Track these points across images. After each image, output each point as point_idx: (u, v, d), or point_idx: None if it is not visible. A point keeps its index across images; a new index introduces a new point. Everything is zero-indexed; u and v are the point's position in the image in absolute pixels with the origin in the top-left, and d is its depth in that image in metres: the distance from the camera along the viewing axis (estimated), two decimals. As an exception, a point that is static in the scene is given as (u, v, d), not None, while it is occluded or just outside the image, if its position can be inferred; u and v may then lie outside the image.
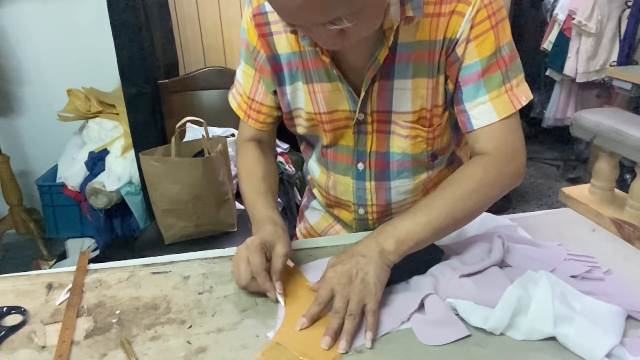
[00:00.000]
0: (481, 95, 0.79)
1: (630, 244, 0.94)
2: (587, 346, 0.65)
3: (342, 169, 0.96)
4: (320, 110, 0.89)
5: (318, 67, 0.85)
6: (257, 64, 0.91)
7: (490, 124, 0.80)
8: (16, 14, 2.54)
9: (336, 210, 1.05)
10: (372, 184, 0.95)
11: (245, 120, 0.98)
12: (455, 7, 0.76)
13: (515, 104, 0.80)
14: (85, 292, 0.82)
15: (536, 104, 3.68)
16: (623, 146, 0.96)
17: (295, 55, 0.86)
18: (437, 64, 0.80)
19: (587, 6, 2.98)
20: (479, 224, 0.93)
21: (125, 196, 2.33)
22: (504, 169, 0.80)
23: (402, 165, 0.92)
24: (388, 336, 0.71)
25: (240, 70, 0.96)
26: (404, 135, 0.88)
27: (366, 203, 0.97)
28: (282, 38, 0.86)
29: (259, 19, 0.87)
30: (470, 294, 0.73)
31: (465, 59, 0.79)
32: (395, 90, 0.83)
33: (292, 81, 0.89)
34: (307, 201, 1.16)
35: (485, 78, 0.79)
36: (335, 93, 0.86)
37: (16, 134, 2.73)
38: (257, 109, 0.96)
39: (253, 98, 0.96)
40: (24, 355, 0.70)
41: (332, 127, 0.91)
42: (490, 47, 0.78)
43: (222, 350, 0.69)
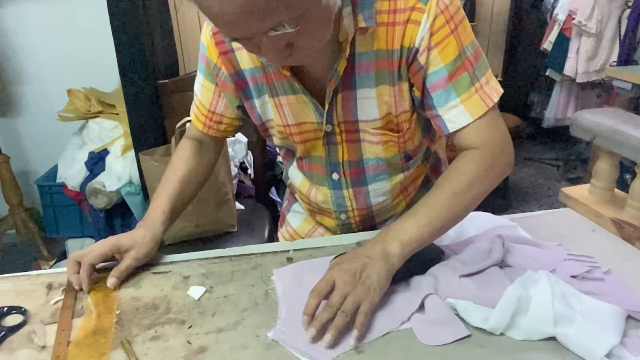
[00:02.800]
0: (452, 99, 0.80)
1: (630, 244, 0.94)
2: (587, 346, 0.65)
3: (318, 179, 0.97)
4: (289, 122, 0.89)
5: (282, 80, 0.84)
6: (218, 80, 0.91)
7: (467, 125, 0.81)
8: (16, 14, 2.54)
9: (319, 217, 1.06)
10: (350, 191, 0.95)
11: (205, 131, 0.99)
12: (410, 16, 0.76)
13: (487, 102, 0.81)
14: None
15: (536, 104, 3.69)
16: (623, 146, 0.96)
17: (258, 69, 0.86)
18: (398, 72, 0.81)
19: (587, 6, 2.98)
20: (479, 224, 0.93)
21: (125, 196, 2.33)
22: (495, 161, 0.82)
23: (378, 170, 0.93)
24: (388, 336, 0.71)
25: (199, 85, 0.96)
26: (375, 141, 0.88)
27: (347, 209, 0.98)
28: (244, 54, 0.86)
29: (219, 37, 0.86)
30: (470, 294, 0.73)
31: (429, 67, 0.79)
32: (359, 100, 0.83)
33: (259, 95, 0.90)
34: (289, 205, 1.16)
35: (453, 82, 0.79)
36: (301, 105, 0.86)
37: (16, 134, 2.74)
38: (218, 120, 0.97)
39: (214, 111, 0.96)
40: (24, 355, 0.69)
41: (302, 139, 0.91)
42: (453, 51, 0.78)
43: (222, 350, 0.69)
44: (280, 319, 0.75)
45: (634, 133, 0.94)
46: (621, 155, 1.00)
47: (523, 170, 3.69)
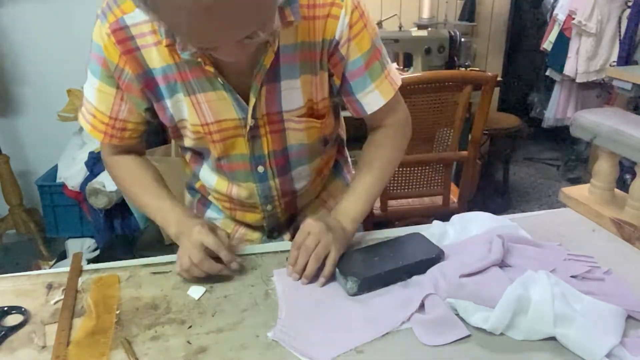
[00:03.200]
0: (368, 84, 0.90)
1: (630, 244, 0.94)
2: (587, 346, 0.66)
3: (242, 177, 0.96)
4: (207, 121, 0.87)
5: (199, 76, 0.82)
6: (121, 82, 0.84)
7: (381, 107, 0.92)
8: (16, 14, 2.54)
9: (239, 214, 1.04)
10: (277, 181, 0.97)
11: (107, 140, 0.91)
12: (330, 11, 0.82)
13: (394, 86, 0.93)
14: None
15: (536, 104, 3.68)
16: (623, 146, 0.96)
17: (171, 67, 0.82)
18: (319, 63, 0.86)
19: (587, 6, 2.98)
20: (479, 224, 0.93)
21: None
22: (402, 132, 0.99)
23: (300, 155, 0.97)
24: (388, 336, 0.71)
25: (93, 89, 0.87)
26: (299, 128, 0.92)
27: (273, 199, 1.00)
28: (153, 51, 0.81)
29: (121, 35, 0.80)
30: (470, 294, 0.73)
31: (349, 57, 0.87)
32: (283, 91, 0.86)
33: (171, 94, 0.85)
34: (199, 213, 1.11)
35: (369, 70, 0.89)
36: (221, 102, 0.85)
37: (16, 134, 2.74)
38: (122, 127, 0.90)
39: (116, 117, 0.88)
40: (24, 355, 0.70)
41: (221, 137, 0.89)
42: (367, 42, 0.87)
43: (222, 350, 0.69)
44: (280, 319, 0.75)
45: (634, 133, 0.94)
46: (621, 155, 1.00)
47: (523, 170, 3.69)
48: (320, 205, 1.10)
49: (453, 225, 0.96)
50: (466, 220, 0.95)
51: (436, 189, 2.04)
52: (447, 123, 1.90)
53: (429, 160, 1.97)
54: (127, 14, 0.79)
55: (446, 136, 1.95)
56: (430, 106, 1.84)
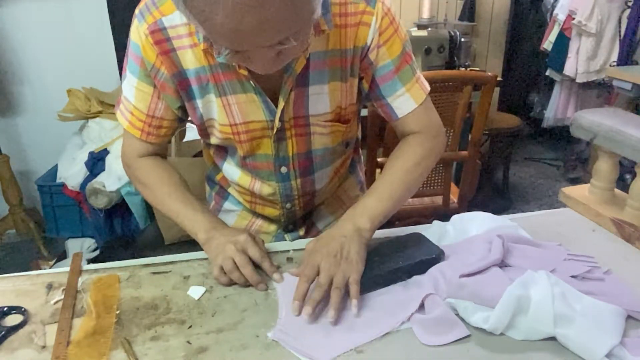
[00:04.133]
0: (399, 88, 0.90)
1: (630, 244, 0.94)
2: (587, 346, 0.66)
3: (265, 175, 0.98)
4: (236, 122, 0.89)
5: (231, 79, 0.85)
6: (157, 81, 0.87)
7: (412, 111, 0.92)
8: (16, 14, 2.54)
9: (259, 208, 1.06)
10: (298, 182, 0.99)
11: (144, 138, 0.93)
12: (361, 19, 0.84)
13: (425, 90, 0.93)
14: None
15: (536, 104, 3.69)
16: (623, 146, 0.96)
17: (205, 69, 0.85)
18: (350, 69, 0.88)
19: (587, 6, 2.98)
20: (479, 224, 0.93)
21: (125, 196, 2.33)
22: (435, 141, 0.95)
23: (324, 158, 0.98)
24: (388, 336, 0.71)
25: (131, 87, 0.89)
26: (325, 132, 0.93)
27: (293, 198, 1.02)
28: (188, 53, 0.84)
29: (158, 36, 0.83)
30: (470, 294, 0.73)
31: (379, 62, 0.88)
32: (311, 96, 0.88)
33: (203, 94, 0.88)
34: (217, 205, 1.13)
35: (399, 73, 0.90)
36: (250, 104, 0.87)
37: (16, 134, 2.74)
38: (158, 125, 0.92)
39: (153, 115, 0.91)
40: (24, 355, 0.69)
41: (249, 137, 0.91)
42: (398, 47, 0.88)
43: (222, 350, 0.69)
44: (280, 318, 0.75)
45: (634, 133, 0.94)
46: (621, 155, 1.00)
47: (523, 170, 3.69)
48: (335, 202, 1.12)
49: (453, 225, 0.96)
50: (466, 220, 0.95)
51: (436, 189, 2.05)
52: (447, 123, 1.90)
53: (429, 160, 1.97)
54: (166, 16, 0.82)
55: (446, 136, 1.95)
56: (430, 106, 1.84)
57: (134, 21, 0.84)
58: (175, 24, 0.82)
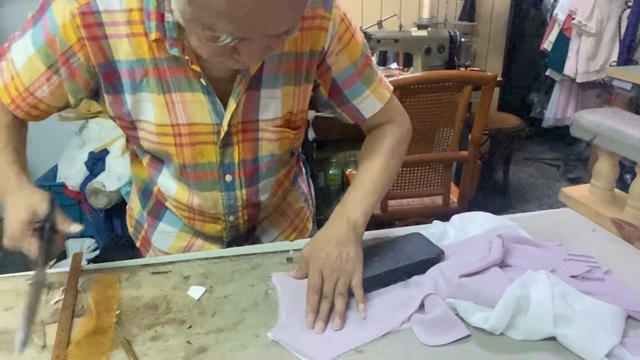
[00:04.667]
0: (364, 91, 0.91)
1: (630, 244, 0.94)
2: (587, 346, 0.66)
3: (207, 186, 0.91)
4: (179, 122, 0.82)
5: (178, 74, 0.79)
6: (66, 66, 0.78)
7: (379, 110, 0.93)
8: (16, 14, 2.54)
9: (199, 225, 0.98)
10: (243, 191, 0.93)
11: (11, 108, 0.84)
12: (318, 23, 0.83)
13: (389, 90, 0.95)
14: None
15: (536, 104, 3.69)
16: (623, 146, 0.96)
17: (144, 62, 0.78)
18: (305, 74, 0.87)
19: (587, 6, 2.98)
20: (479, 224, 0.93)
21: (125, 196, 2.33)
22: (403, 128, 0.97)
23: (270, 166, 0.94)
24: (388, 336, 0.71)
25: (24, 54, 0.79)
26: (274, 138, 0.90)
27: (237, 210, 0.95)
28: (123, 43, 0.76)
29: (89, 19, 0.74)
30: (470, 294, 0.73)
31: (339, 67, 0.88)
32: (262, 100, 0.85)
33: (134, 91, 0.80)
34: (151, 226, 1.04)
35: (362, 77, 0.90)
36: (196, 104, 0.81)
37: (16, 134, 2.73)
38: (33, 104, 0.83)
39: (32, 93, 0.82)
40: (24, 355, 0.69)
41: (191, 142, 0.85)
42: (357, 51, 0.88)
43: (222, 350, 0.69)
44: (280, 319, 0.75)
45: (634, 133, 0.94)
46: (621, 155, 1.00)
47: (523, 170, 3.69)
48: (279, 216, 1.07)
49: (453, 225, 0.96)
50: (466, 220, 0.95)
51: (436, 189, 2.05)
52: (447, 123, 1.90)
53: (429, 160, 1.97)
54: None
55: (446, 136, 1.95)
56: (430, 106, 1.84)
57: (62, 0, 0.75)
58: (112, 9, 0.74)
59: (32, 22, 0.80)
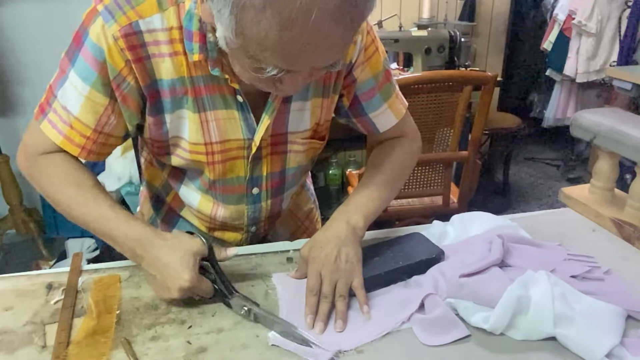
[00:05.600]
0: (381, 105, 0.92)
1: (630, 244, 0.94)
2: (587, 346, 0.66)
3: (234, 200, 0.92)
4: (212, 140, 0.82)
5: (213, 93, 0.78)
6: (119, 93, 0.76)
7: (393, 125, 0.95)
8: (16, 14, 2.54)
9: (218, 233, 0.99)
10: (268, 202, 0.95)
11: (83, 156, 0.80)
12: None
13: (404, 105, 0.97)
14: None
15: (536, 104, 3.69)
16: (623, 146, 0.96)
17: (183, 81, 0.76)
18: (333, 85, 0.87)
19: (587, 6, 2.98)
20: (479, 224, 0.93)
21: (125, 196, 2.33)
22: (414, 144, 1.00)
23: (295, 176, 0.96)
24: (388, 336, 0.71)
25: (78, 96, 0.76)
26: (302, 150, 0.92)
27: (260, 220, 0.97)
28: (165, 62, 0.75)
29: (132, 41, 0.72)
30: (470, 294, 0.73)
31: (361, 79, 0.88)
32: (292, 112, 0.86)
33: (174, 109, 0.79)
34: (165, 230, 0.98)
35: (381, 91, 0.91)
36: (229, 121, 0.82)
37: (16, 134, 2.73)
38: (104, 142, 0.80)
39: (101, 130, 0.78)
40: (24, 355, 0.69)
41: (223, 158, 0.85)
42: (379, 65, 0.89)
43: (222, 350, 0.69)
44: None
45: (634, 133, 0.94)
46: (621, 155, 1.00)
47: (523, 170, 3.69)
48: (290, 219, 1.08)
49: (453, 225, 0.96)
50: (466, 220, 0.95)
51: (436, 189, 2.05)
52: (447, 123, 1.91)
53: (429, 160, 1.98)
54: (144, 19, 0.72)
55: (446, 136, 1.95)
56: (430, 106, 1.84)
57: (97, 19, 0.72)
58: (154, 28, 0.72)
59: (69, 60, 0.76)
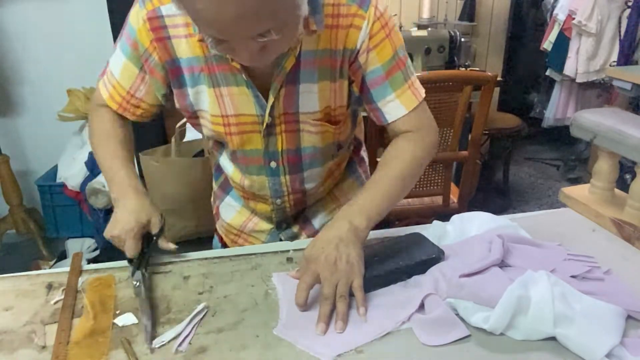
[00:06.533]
0: (389, 94, 0.91)
1: (630, 244, 0.94)
2: (587, 346, 0.66)
3: (255, 170, 0.99)
4: (228, 113, 0.91)
5: (224, 70, 0.87)
6: (147, 65, 0.90)
7: (402, 116, 0.92)
8: (16, 14, 2.54)
9: (252, 203, 1.08)
10: (287, 178, 1.00)
11: (121, 112, 0.97)
12: (352, 22, 0.85)
13: (418, 97, 0.93)
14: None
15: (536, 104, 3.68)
16: (623, 146, 0.96)
17: (199, 60, 0.87)
18: (339, 70, 0.89)
19: (587, 6, 2.98)
20: (479, 224, 0.93)
21: (125, 196, 2.33)
22: (426, 140, 0.95)
23: (313, 157, 0.99)
24: (388, 336, 0.71)
25: (119, 64, 0.93)
26: (314, 131, 0.94)
27: (283, 194, 1.02)
28: (182, 42, 0.87)
29: (155, 23, 0.86)
30: (470, 294, 0.73)
31: (368, 66, 0.89)
32: (301, 94, 0.89)
33: (194, 84, 0.90)
34: (220, 198, 1.16)
35: (390, 79, 0.90)
36: (242, 97, 0.89)
37: (16, 134, 2.73)
38: (136, 104, 0.96)
39: (133, 94, 0.94)
40: (24, 355, 0.70)
41: (239, 130, 0.93)
42: (388, 53, 0.88)
43: (222, 350, 0.69)
44: (280, 319, 0.75)
45: (634, 133, 0.94)
46: (621, 155, 1.00)
47: (523, 170, 3.69)
48: (331, 202, 1.11)
49: (453, 225, 0.96)
50: (466, 220, 0.95)
51: (436, 189, 2.04)
52: (447, 123, 1.90)
53: (429, 160, 1.97)
54: (164, 5, 0.85)
55: (446, 136, 1.95)
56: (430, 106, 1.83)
57: (135, 5, 0.88)
58: (173, 14, 0.85)
59: (119, 38, 0.93)
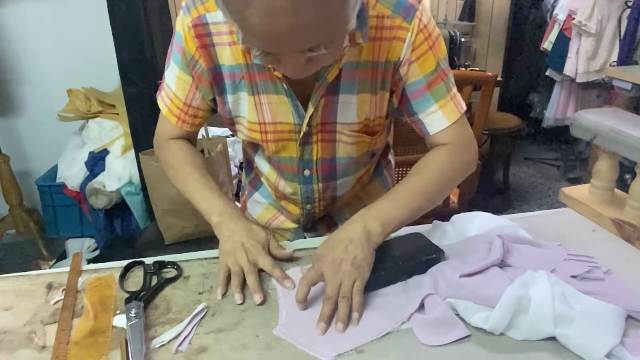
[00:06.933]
0: (431, 105, 0.89)
1: (630, 244, 0.94)
2: (587, 346, 0.66)
3: (288, 176, 1.00)
4: (265, 121, 0.91)
5: (265, 79, 0.87)
6: (194, 72, 0.91)
7: (444, 128, 0.90)
8: (16, 14, 2.54)
9: (283, 202, 1.09)
10: (320, 186, 1.00)
11: (179, 125, 0.97)
12: (395, 34, 0.84)
13: (460, 109, 0.91)
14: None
15: (536, 104, 3.69)
16: (623, 146, 0.96)
17: (240, 67, 0.87)
18: (381, 82, 0.88)
19: (587, 6, 2.98)
20: (479, 224, 0.93)
21: (125, 196, 2.33)
22: (464, 156, 0.93)
23: (347, 166, 0.99)
24: (388, 336, 0.71)
25: (173, 76, 0.93)
26: (350, 142, 0.94)
27: (314, 201, 1.03)
28: (226, 50, 0.87)
29: (200, 30, 0.86)
30: (470, 294, 0.73)
31: (409, 78, 0.88)
32: (340, 104, 0.89)
33: (234, 91, 0.91)
34: (249, 193, 1.17)
35: (432, 90, 0.88)
36: (281, 106, 0.89)
37: (16, 134, 2.74)
38: (194, 114, 0.97)
39: (190, 104, 0.95)
40: (24, 355, 0.70)
41: (276, 138, 0.93)
42: (431, 64, 0.87)
43: (222, 350, 0.69)
44: (280, 319, 0.75)
45: (634, 133, 0.94)
46: (621, 155, 1.00)
47: (523, 170, 3.69)
48: (357, 204, 1.09)
49: (453, 225, 0.96)
50: (466, 220, 0.95)
51: (436, 189, 2.04)
52: (447, 123, 1.90)
53: (429, 160, 1.97)
54: (210, 13, 0.85)
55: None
56: (430, 106, 1.83)
57: (180, 13, 0.88)
58: (217, 21, 0.85)
59: (170, 50, 0.93)
